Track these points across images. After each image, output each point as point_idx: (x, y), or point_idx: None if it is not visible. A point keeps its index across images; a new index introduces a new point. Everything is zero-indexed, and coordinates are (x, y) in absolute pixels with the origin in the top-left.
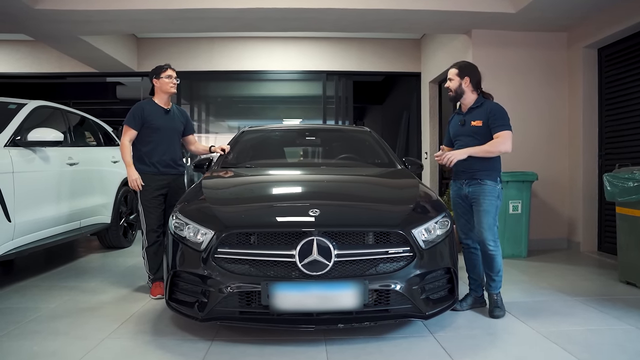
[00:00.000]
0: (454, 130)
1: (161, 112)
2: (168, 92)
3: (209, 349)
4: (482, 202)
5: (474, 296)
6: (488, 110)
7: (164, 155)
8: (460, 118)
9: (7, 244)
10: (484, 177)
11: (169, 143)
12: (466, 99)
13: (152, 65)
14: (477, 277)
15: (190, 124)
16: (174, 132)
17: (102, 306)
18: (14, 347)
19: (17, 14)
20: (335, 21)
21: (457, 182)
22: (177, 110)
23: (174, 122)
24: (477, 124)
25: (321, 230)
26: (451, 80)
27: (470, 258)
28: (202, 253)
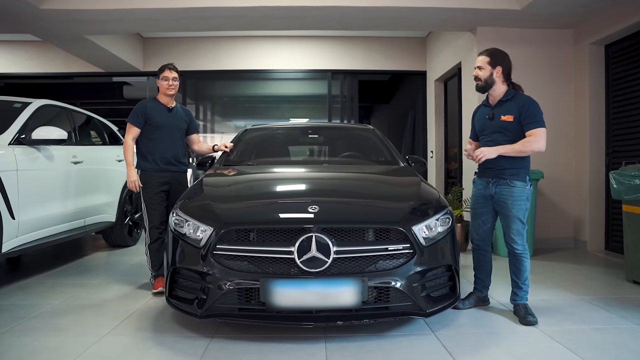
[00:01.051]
0: (480, 124)
1: (164, 110)
2: (165, 93)
3: (208, 346)
4: (511, 207)
5: (478, 295)
6: (521, 104)
7: (165, 152)
8: (487, 111)
9: (11, 241)
10: (513, 178)
11: (171, 141)
12: (496, 90)
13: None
14: (484, 277)
15: (194, 124)
16: (177, 130)
17: (104, 303)
18: (15, 343)
19: (22, 14)
20: (339, 19)
21: (482, 179)
22: (181, 109)
23: (177, 120)
24: (508, 118)
25: (320, 226)
26: (481, 68)
27: (479, 258)
28: (201, 250)
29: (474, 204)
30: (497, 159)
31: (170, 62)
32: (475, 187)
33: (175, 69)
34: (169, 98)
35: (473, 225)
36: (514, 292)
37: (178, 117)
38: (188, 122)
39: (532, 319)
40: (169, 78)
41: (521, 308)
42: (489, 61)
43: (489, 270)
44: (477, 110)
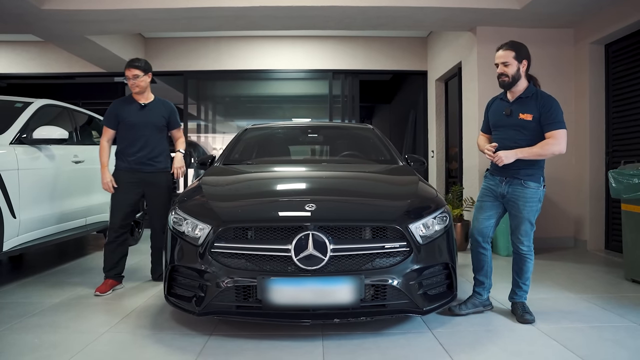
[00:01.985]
0: (495, 119)
1: (136, 108)
2: (133, 92)
3: (206, 344)
4: (522, 208)
5: (478, 300)
6: (541, 103)
7: (139, 151)
8: (505, 106)
9: (12, 240)
10: (527, 179)
11: (146, 139)
12: (519, 86)
13: (159, 64)
14: (485, 279)
15: (174, 118)
16: (151, 127)
17: (104, 302)
18: (16, 340)
19: (24, 15)
20: (339, 19)
21: (494, 177)
22: (160, 104)
23: (152, 116)
24: (527, 117)
25: (317, 224)
26: (507, 64)
27: (479, 258)
28: (199, 248)
29: (482, 197)
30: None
31: (132, 59)
32: (486, 181)
33: (136, 66)
34: (143, 93)
35: (476, 218)
36: (514, 290)
37: (153, 113)
38: (167, 117)
39: (529, 317)
40: (129, 77)
41: (519, 306)
42: (515, 55)
43: (488, 271)
44: (492, 102)
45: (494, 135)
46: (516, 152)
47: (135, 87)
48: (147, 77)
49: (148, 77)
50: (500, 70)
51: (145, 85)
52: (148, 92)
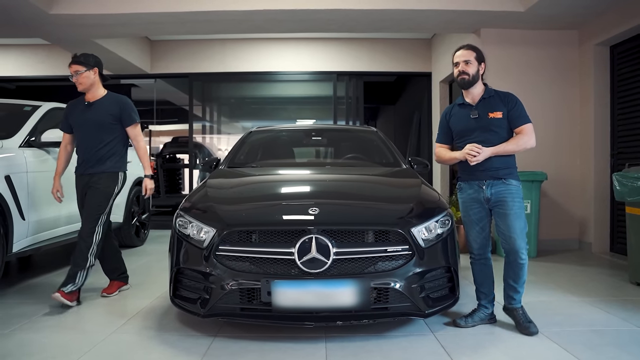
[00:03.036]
0: (462, 125)
1: (82, 107)
2: (79, 90)
3: (211, 345)
4: (511, 205)
5: (484, 313)
6: (506, 100)
7: (84, 153)
8: (470, 110)
9: (21, 241)
10: (508, 177)
11: (91, 139)
12: (477, 88)
13: (164, 67)
14: (488, 290)
15: (127, 114)
16: (96, 126)
17: (111, 302)
18: (24, 340)
19: (32, 19)
20: (343, 22)
21: (471, 183)
22: (111, 99)
23: (96, 115)
24: (497, 115)
25: (320, 228)
26: (469, 63)
27: (482, 270)
28: (204, 251)
29: (467, 211)
30: (489, 159)
31: (75, 54)
32: (463, 193)
33: (77, 61)
34: (91, 91)
35: (471, 234)
36: (511, 295)
37: (98, 111)
38: (117, 114)
39: (534, 328)
40: (71, 74)
41: (520, 315)
42: (476, 57)
43: (492, 283)
44: (451, 110)
45: (461, 143)
46: (491, 149)
47: (78, 85)
48: (92, 72)
49: (93, 73)
50: (461, 68)
51: (90, 82)
52: (96, 90)
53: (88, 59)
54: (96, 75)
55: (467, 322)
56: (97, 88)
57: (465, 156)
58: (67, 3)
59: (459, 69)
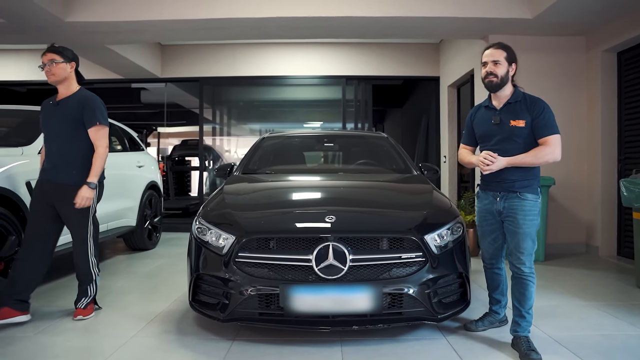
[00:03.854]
0: (483, 129)
1: (49, 106)
2: (49, 81)
3: (230, 348)
4: (521, 223)
5: (495, 317)
6: (533, 106)
7: (53, 157)
8: (492, 114)
9: None
10: (523, 191)
11: (59, 142)
12: (505, 91)
13: (175, 71)
14: (501, 296)
15: (89, 113)
16: (64, 126)
17: (129, 306)
18: (49, 343)
19: (49, 27)
20: (354, 29)
21: (487, 193)
22: (76, 99)
23: (62, 114)
24: (519, 124)
25: (337, 235)
26: (498, 63)
27: (494, 278)
28: (224, 257)
29: (481, 222)
30: (506, 170)
31: (51, 44)
32: (479, 202)
33: (55, 49)
34: (61, 88)
35: (482, 244)
36: (516, 321)
37: (64, 111)
38: (80, 115)
39: (535, 356)
40: (44, 63)
41: (523, 342)
42: (506, 57)
43: (504, 289)
44: (476, 112)
45: (482, 147)
46: (507, 160)
47: (50, 75)
48: (69, 66)
49: (70, 67)
50: (489, 69)
51: (65, 76)
52: (69, 86)
53: (67, 51)
54: (72, 71)
55: (477, 326)
56: (70, 84)
57: (479, 163)
58: (82, 11)
59: (487, 69)
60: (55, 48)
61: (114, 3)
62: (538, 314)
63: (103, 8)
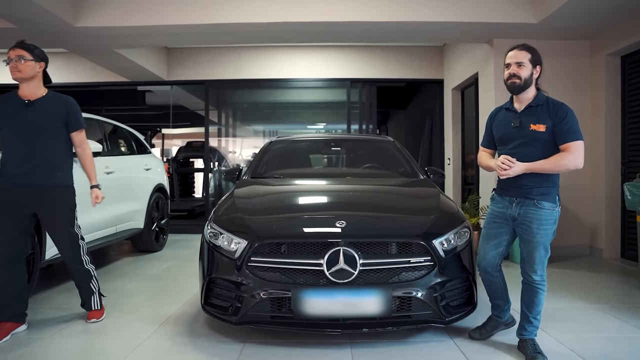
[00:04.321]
0: (502, 132)
1: (18, 106)
2: (13, 78)
3: (242, 351)
4: (536, 232)
5: (497, 321)
6: (555, 111)
7: (23, 163)
8: (513, 117)
9: (52, 249)
10: (541, 199)
11: (34, 146)
12: (528, 93)
13: (181, 74)
14: (501, 301)
15: (74, 117)
16: (39, 129)
17: (139, 308)
18: (65, 345)
19: (59, 32)
20: (359, 33)
21: (503, 198)
22: (54, 99)
23: (40, 116)
24: (539, 128)
25: (347, 240)
26: (522, 65)
27: (491, 285)
28: (236, 261)
29: (489, 224)
30: (524, 176)
31: (21, 40)
32: (493, 204)
33: (24, 46)
34: (27, 87)
35: (482, 247)
36: (523, 325)
37: (43, 111)
38: (64, 116)
39: (541, 358)
40: (11, 58)
41: (529, 344)
42: (531, 58)
43: (505, 293)
44: (496, 114)
45: (500, 151)
46: (526, 165)
47: (16, 72)
48: (38, 65)
49: (39, 67)
50: (512, 70)
51: (32, 75)
52: (37, 86)
53: (37, 50)
54: (41, 71)
55: (481, 334)
56: (38, 85)
57: (496, 168)
58: (91, 16)
59: (510, 71)
60: (25, 45)
61: (122, 8)
62: (542, 317)
63: (111, 13)
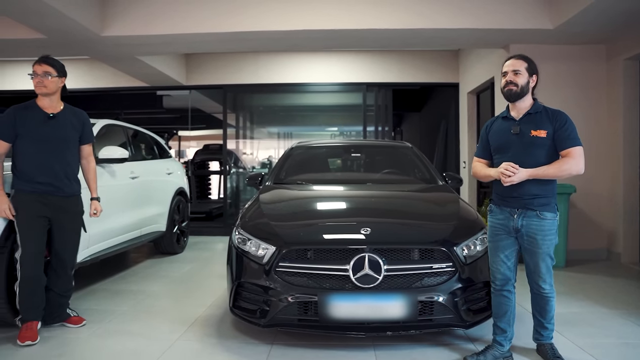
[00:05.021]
0: (501, 140)
1: (41, 118)
2: (37, 93)
3: (270, 352)
4: (541, 243)
5: (498, 351)
6: (555, 117)
7: (48, 173)
8: (511, 125)
9: (84, 251)
10: (542, 209)
11: (51, 156)
12: (525, 102)
13: (200, 78)
14: (507, 326)
15: (88, 130)
16: (62, 142)
17: (167, 310)
18: (101, 345)
19: (85, 41)
20: (376, 40)
21: (502, 209)
22: (71, 113)
23: (62, 129)
24: (540, 134)
25: (372, 247)
26: (519, 73)
27: (501, 302)
28: (265, 266)
29: (492, 237)
30: (525, 184)
31: (45, 55)
32: (493, 217)
33: (50, 62)
34: (48, 100)
35: (494, 261)
36: (538, 331)
37: (65, 125)
38: (80, 130)
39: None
40: (37, 73)
41: (548, 349)
42: (527, 67)
43: (511, 318)
44: (492, 123)
45: (498, 159)
46: (529, 171)
47: (41, 87)
48: (60, 81)
49: (61, 82)
50: (509, 78)
51: (55, 89)
52: (57, 100)
53: (59, 65)
54: (60, 86)
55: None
56: (57, 98)
57: (499, 175)
58: (117, 26)
59: (507, 78)
60: (51, 61)
61: (146, 18)
62: (560, 321)
63: (135, 23)
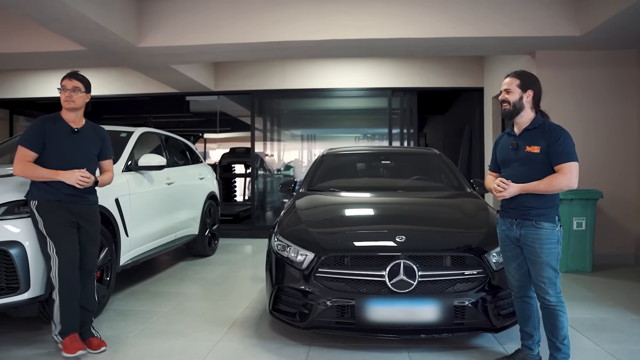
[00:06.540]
0: (502, 155)
1: (66, 132)
2: (65, 107)
3: (309, 353)
4: (539, 252)
5: (529, 355)
6: (549, 133)
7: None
8: (511, 140)
9: (126, 255)
10: (539, 219)
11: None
12: (523, 117)
13: (228, 84)
14: (533, 330)
15: (108, 146)
16: (86, 156)
17: (207, 312)
18: (149, 345)
19: (122, 52)
20: (403, 48)
21: (505, 220)
22: (92, 129)
23: (85, 144)
24: (534, 149)
25: (407, 254)
26: (509, 92)
27: (523, 308)
28: (304, 271)
29: (502, 247)
30: (521, 197)
31: (74, 70)
32: (499, 228)
33: (80, 78)
34: (73, 115)
35: (508, 271)
36: (552, 354)
37: (86, 140)
38: (100, 145)
39: None
40: (67, 88)
41: None
42: (519, 84)
43: (536, 322)
44: (500, 139)
45: (503, 173)
46: (520, 186)
47: (70, 102)
48: (87, 97)
49: (87, 98)
50: (502, 97)
51: (81, 105)
52: (81, 116)
53: (89, 83)
54: (86, 102)
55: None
56: (82, 114)
57: (492, 190)
58: (152, 37)
59: (500, 97)
60: (81, 77)
61: (181, 30)
62: (588, 326)
63: (170, 34)
